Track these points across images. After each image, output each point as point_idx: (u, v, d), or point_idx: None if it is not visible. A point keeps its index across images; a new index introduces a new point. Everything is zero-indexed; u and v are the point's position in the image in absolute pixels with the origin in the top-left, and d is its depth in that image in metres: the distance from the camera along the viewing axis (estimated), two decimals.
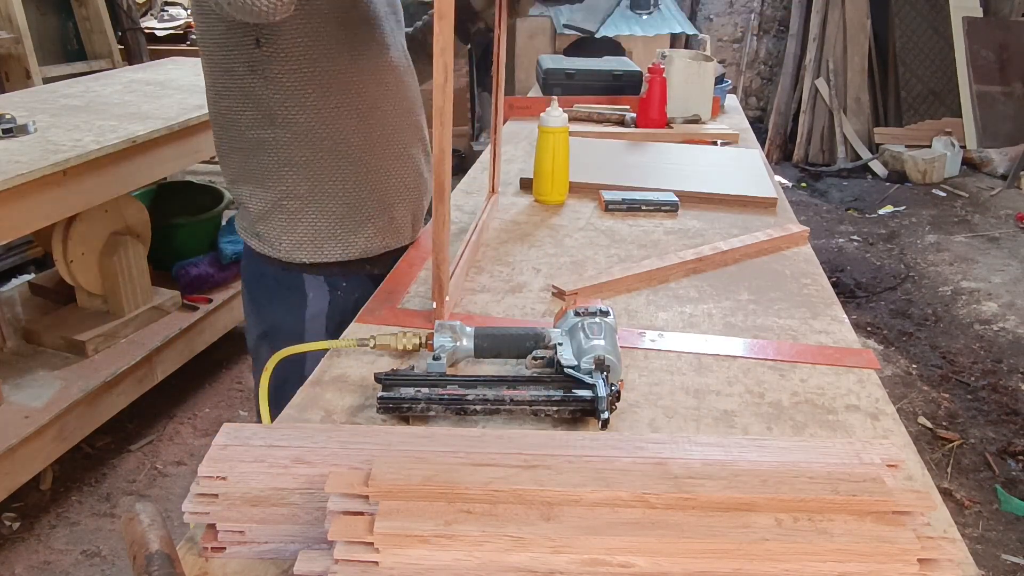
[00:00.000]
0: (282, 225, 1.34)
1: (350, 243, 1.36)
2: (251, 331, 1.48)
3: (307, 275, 1.37)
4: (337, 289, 1.39)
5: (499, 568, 0.61)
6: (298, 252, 1.35)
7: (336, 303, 1.39)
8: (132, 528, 0.69)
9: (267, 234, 1.35)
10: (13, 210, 1.92)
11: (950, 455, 2.68)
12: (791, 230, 1.52)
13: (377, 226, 1.38)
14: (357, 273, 1.39)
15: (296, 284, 1.37)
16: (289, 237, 1.34)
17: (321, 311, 1.38)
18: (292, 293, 1.38)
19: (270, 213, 1.34)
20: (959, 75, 5.56)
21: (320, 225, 1.34)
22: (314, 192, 1.32)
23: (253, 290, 1.45)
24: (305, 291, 1.37)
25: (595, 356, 0.94)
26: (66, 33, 4.20)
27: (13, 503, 2.26)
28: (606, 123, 2.27)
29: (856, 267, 4.18)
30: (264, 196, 1.33)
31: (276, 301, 1.41)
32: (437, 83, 1.00)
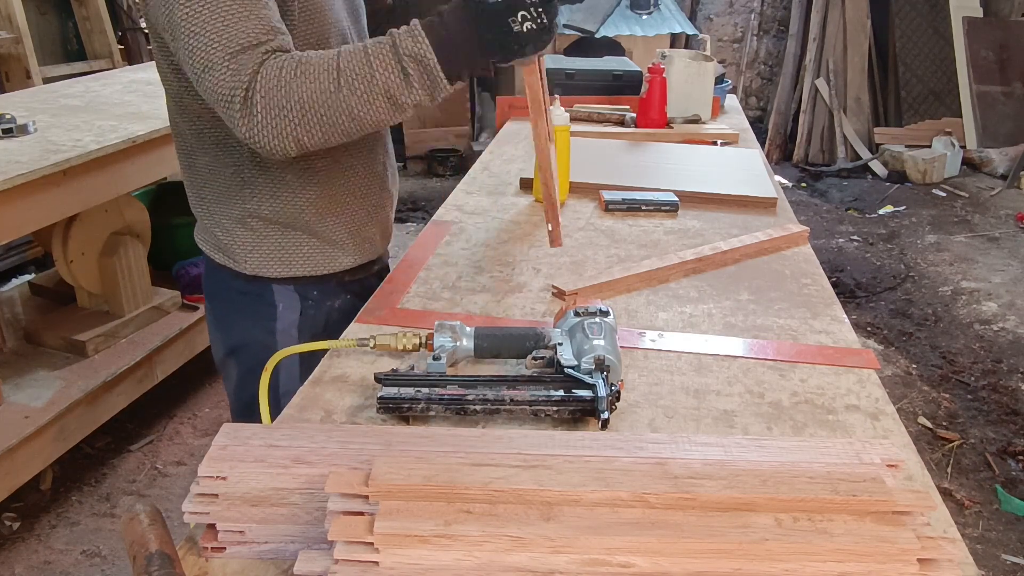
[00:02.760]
0: (247, 243, 1.27)
1: (319, 261, 1.30)
2: (217, 348, 1.41)
3: (275, 285, 1.30)
4: (308, 299, 1.32)
5: (499, 568, 0.61)
6: (265, 266, 1.28)
7: (308, 313, 1.32)
8: (132, 528, 0.69)
9: (231, 248, 1.28)
10: (13, 210, 1.92)
11: (950, 455, 2.68)
12: (791, 230, 1.52)
13: (346, 246, 1.32)
14: (328, 282, 1.33)
15: (264, 295, 1.30)
16: (255, 254, 1.28)
17: (292, 323, 1.32)
18: (260, 305, 1.31)
19: (232, 230, 1.27)
20: (959, 75, 5.56)
21: (287, 243, 1.28)
22: (279, 213, 1.25)
23: (217, 305, 1.38)
24: (274, 302, 1.31)
25: (595, 356, 0.94)
26: (66, 33, 4.20)
27: (13, 503, 2.26)
28: (606, 123, 2.27)
29: (856, 267, 4.18)
30: (227, 214, 1.26)
31: (243, 315, 1.33)
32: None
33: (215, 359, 1.43)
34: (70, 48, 4.22)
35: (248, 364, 1.34)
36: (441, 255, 1.41)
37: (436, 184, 5.12)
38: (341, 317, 1.31)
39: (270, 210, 1.25)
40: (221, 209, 1.27)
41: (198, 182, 1.27)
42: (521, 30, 0.99)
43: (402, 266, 1.36)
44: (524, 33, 1.00)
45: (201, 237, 1.34)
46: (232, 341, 1.37)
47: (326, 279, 1.32)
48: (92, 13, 4.13)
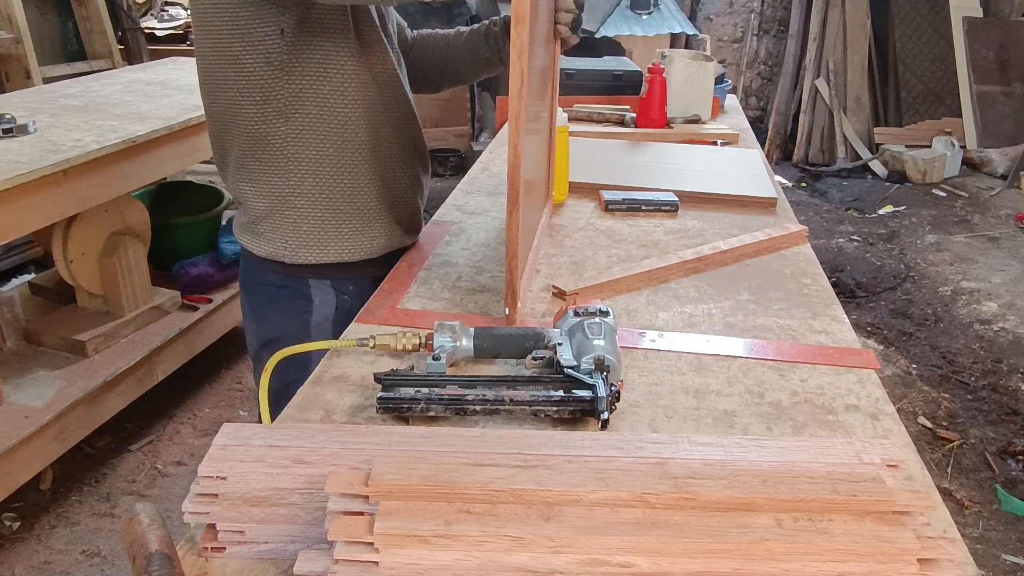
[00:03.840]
0: (287, 223, 1.31)
1: (356, 243, 1.34)
2: (252, 339, 1.45)
3: (312, 279, 1.35)
4: (344, 293, 1.37)
5: (499, 568, 0.61)
6: (303, 252, 1.32)
7: (342, 308, 1.36)
8: (132, 528, 0.69)
9: (270, 233, 1.32)
10: (13, 210, 1.92)
11: (950, 455, 2.68)
12: (791, 230, 1.52)
13: (382, 226, 1.36)
14: (362, 276, 1.37)
15: (301, 290, 1.35)
16: (294, 236, 1.32)
17: (327, 317, 1.36)
18: (297, 299, 1.35)
19: (274, 211, 1.31)
20: (959, 75, 5.56)
21: (326, 224, 1.32)
22: (320, 189, 1.30)
23: (254, 299, 1.42)
24: (311, 296, 1.35)
25: (595, 356, 0.94)
26: (66, 33, 4.20)
27: (13, 503, 2.26)
28: (606, 123, 2.27)
29: (856, 267, 4.18)
30: (268, 193, 1.30)
31: (280, 309, 1.37)
32: (514, 89, 0.99)
33: (249, 351, 1.48)
34: (70, 48, 4.22)
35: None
36: (441, 255, 1.41)
37: (436, 184, 5.12)
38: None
39: (313, 186, 1.29)
40: (265, 187, 1.30)
41: (243, 158, 1.30)
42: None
43: (402, 266, 1.37)
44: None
45: (240, 226, 1.38)
46: (267, 334, 1.40)
47: (359, 274, 1.37)
48: (92, 13, 4.13)
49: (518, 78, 0.98)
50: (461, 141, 5.41)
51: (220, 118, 1.30)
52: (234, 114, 1.28)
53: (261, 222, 1.33)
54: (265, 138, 1.27)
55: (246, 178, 1.32)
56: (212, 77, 1.28)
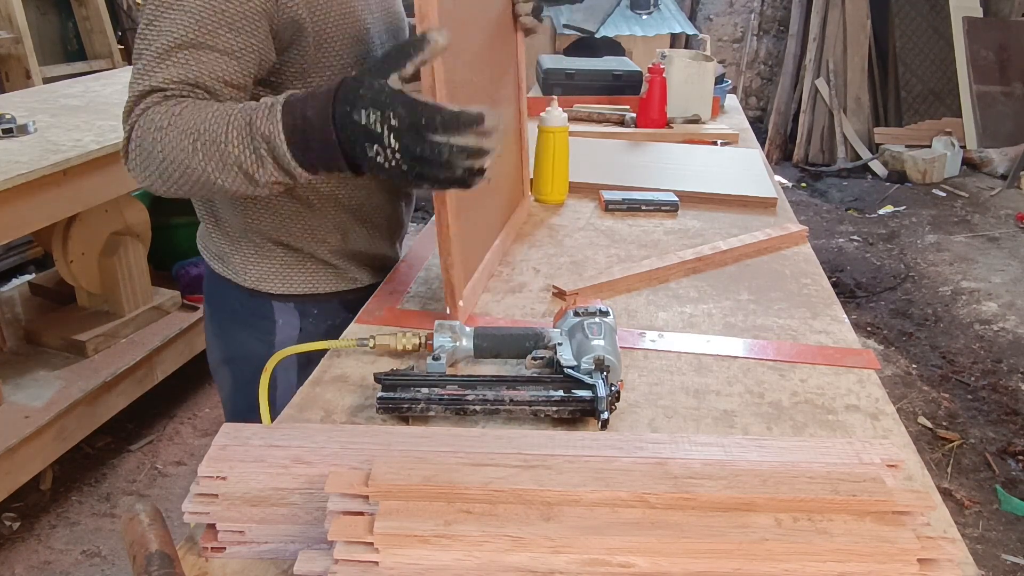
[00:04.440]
0: (247, 258, 1.26)
1: (319, 280, 1.28)
2: (213, 354, 1.39)
3: (275, 302, 1.29)
4: (308, 316, 1.30)
5: (499, 568, 0.61)
6: (264, 283, 1.27)
7: (307, 330, 1.30)
8: (132, 528, 0.69)
9: (232, 261, 1.27)
10: (13, 210, 1.92)
11: (950, 455, 2.68)
12: (790, 230, 1.52)
13: (346, 268, 1.30)
14: (329, 301, 1.30)
15: (264, 311, 1.29)
16: (256, 269, 1.26)
17: (291, 338, 1.29)
18: (259, 319, 1.29)
19: (235, 244, 1.26)
20: (959, 75, 5.56)
21: (287, 261, 1.26)
22: (279, 231, 1.23)
23: (217, 315, 1.37)
24: (274, 318, 1.29)
25: (595, 356, 0.94)
26: (66, 33, 4.20)
27: (13, 503, 2.26)
28: (606, 123, 2.27)
29: (856, 267, 4.18)
30: (229, 228, 1.25)
31: (244, 328, 1.32)
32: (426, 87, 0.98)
33: (210, 363, 1.42)
34: (70, 48, 4.22)
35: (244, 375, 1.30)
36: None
37: None
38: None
39: (271, 228, 1.23)
40: (226, 219, 1.25)
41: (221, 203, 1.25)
42: (376, 160, 0.88)
43: (402, 266, 1.36)
44: (378, 164, 0.88)
45: (203, 244, 1.33)
46: (229, 351, 1.36)
47: (328, 297, 1.30)
48: (92, 13, 4.13)
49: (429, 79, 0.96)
50: None
51: None
52: None
53: (223, 250, 1.28)
54: None
55: (207, 211, 1.27)
56: None
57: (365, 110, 0.87)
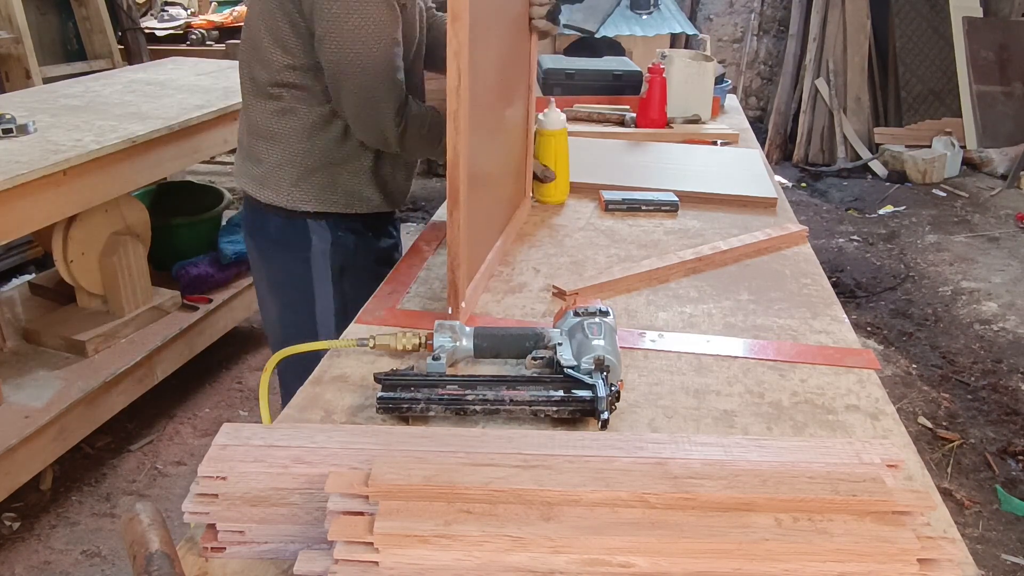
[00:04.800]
0: (291, 179, 1.46)
1: (350, 200, 1.50)
2: (259, 283, 1.61)
3: (310, 220, 1.49)
4: (338, 230, 1.51)
5: (499, 568, 0.61)
6: (303, 203, 1.47)
7: (337, 243, 1.51)
8: (132, 528, 0.69)
9: (275, 185, 1.47)
10: (13, 210, 1.92)
11: (950, 455, 2.68)
12: (790, 230, 1.52)
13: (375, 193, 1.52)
14: (354, 220, 1.53)
15: (299, 228, 1.50)
16: (297, 190, 1.47)
17: (324, 252, 1.51)
18: (296, 238, 1.50)
19: (282, 167, 1.46)
20: (959, 75, 5.56)
21: (326, 182, 1.47)
22: (326, 157, 1.45)
23: (259, 241, 1.57)
24: (309, 235, 1.50)
25: (595, 356, 0.94)
26: (66, 33, 4.20)
27: (13, 503, 2.26)
28: (606, 123, 2.27)
29: (856, 267, 4.18)
30: (282, 151, 1.45)
31: (282, 248, 1.53)
32: (451, 87, 0.98)
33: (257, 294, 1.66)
34: (70, 48, 4.22)
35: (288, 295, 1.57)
36: (441, 255, 1.41)
37: (436, 184, 5.12)
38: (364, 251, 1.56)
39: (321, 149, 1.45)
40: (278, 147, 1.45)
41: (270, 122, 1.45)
42: None
43: (402, 266, 1.36)
44: None
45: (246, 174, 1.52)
46: (272, 277, 1.57)
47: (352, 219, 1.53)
48: (92, 13, 4.13)
49: (456, 78, 0.97)
50: None
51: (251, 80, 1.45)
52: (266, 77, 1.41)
53: (268, 175, 1.47)
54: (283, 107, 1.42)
55: (263, 135, 1.46)
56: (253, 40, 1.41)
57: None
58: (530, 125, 1.51)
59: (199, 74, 3.01)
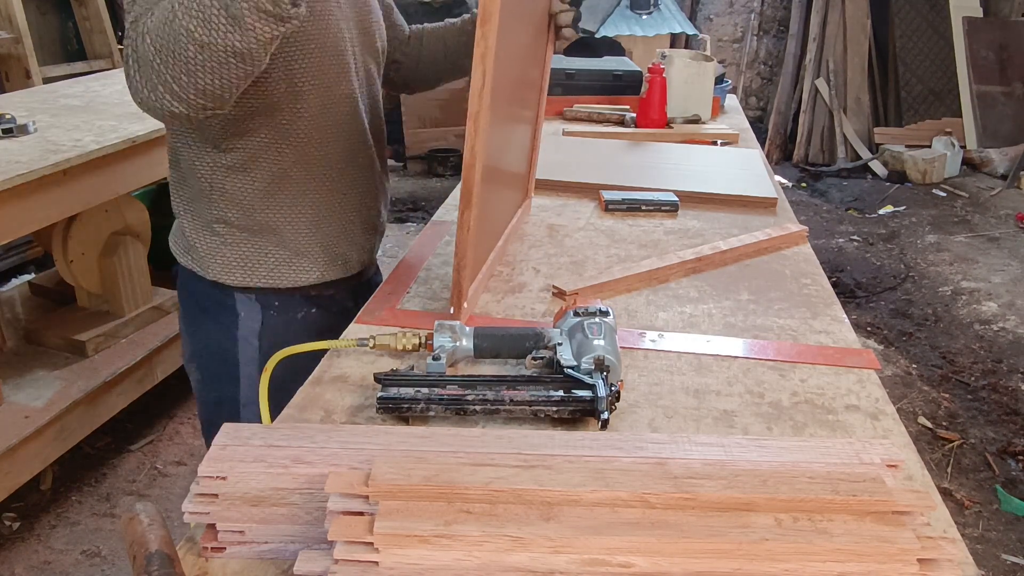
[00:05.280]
0: (212, 247, 1.29)
1: (282, 273, 1.29)
2: (184, 349, 1.42)
3: (237, 293, 1.31)
4: (270, 308, 1.32)
5: (499, 568, 0.61)
6: (227, 274, 1.29)
7: (269, 323, 1.32)
8: (132, 528, 0.69)
9: (197, 252, 1.30)
10: (13, 210, 1.92)
11: (950, 455, 2.68)
12: (790, 230, 1.52)
13: (312, 261, 1.30)
14: (291, 294, 1.32)
15: (226, 302, 1.31)
16: (219, 259, 1.29)
17: (253, 331, 1.32)
18: (222, 312, 1.32)
19: (200, 234, 1.29)
20: (959, 75, 5.57)
21: (251, 252, 1.28)
22: (245, 220, 1.26)
23: (186, 307, 1.40)
24: (236, 310, 1.31)
25: (595, 356, 0.94)
26: (66, 33, 4.20)
27: (13, 503, 2.26)
28: (606, 123, 2.27)
29: (856, 267, 4.18)
30: (195, 217, 1.29)
31: (209, 318, 1.34)
32: (475, 88, 0.97)
33: (183, 360, 1.45)
34: (70, 48, 4.22)
35: (210, 368, 1.37)
36: (441, 255, 1.41)
37: (436, 184, 5.12)
38: (304, 328, 1.33)
39: (237, 216, 1.26)
40: (193, 210, 1.29)
41: (177, 182, 1.30)
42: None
43: (402, 266, 1.36)
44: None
45: (174, 240, 1.36)
46: (197, 345, 1.38)
47: (289, 292, 1.31)
48: (92, 13, 4.13)
49: (480, 80, 0.97)
50: (461, 141, 5.41)
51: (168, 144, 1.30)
52: (174, 141, 1.26)
53: (189, 241, 1.31)
54: (194, 165, 1.24)
55: (178, 199, 1.31)
56: None
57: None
58: (538, 127, 1.51)
59: None
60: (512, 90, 1.22)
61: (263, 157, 1.22)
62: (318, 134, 1.24)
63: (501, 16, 0.96)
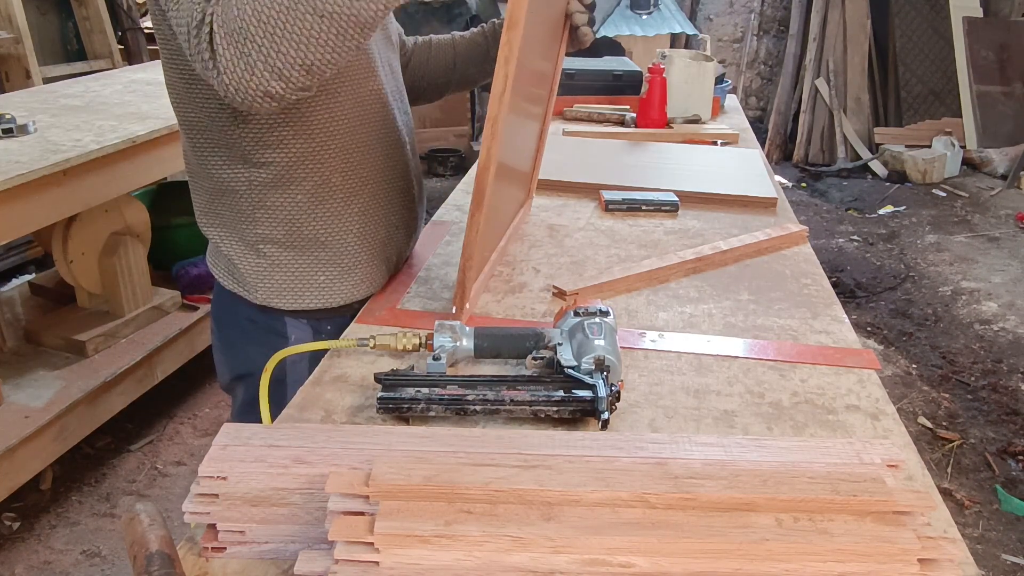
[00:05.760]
0: (258, 271, 1.21)
1: (334, 291, 1.23)
2: (224, 372, 1.35)
3: (288, 318, 1.25)
4: (321, 332, 1.26)
5: (499, 568, 0.61)
6: (276, 298, 1.22)
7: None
8: (132, 528, 0.69)
9: (243, 276, 1.22)
10: (13, 210, 1.92)
11: (950, 455, 2.68)
12: (791, 230, 1.52)
13: (363, 272, 1.25)
14: (344, 314, 1.25)
15: (275, 327, 1.25)
16: (266, 283, 1.22)
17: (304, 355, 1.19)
18: (271, 336, 1.24)
19: (244, 256, 1.21)
20: (959, 75, 5.57)
21: (300, 273, 1.21)
22: (292, 237, 1.19)
23: (226, 330, 1.32)
24: (286, 333, 1.25)
25: (595, 356, 0.94)
26: (66, 33, 4.20)
27: (13, 503, 2.26)
28: (606, 123, 2.27)
29: (856, 267, 4.18)
30: (238, 240, 1.21)
31: (253, 343, 1.27)
32: (495, 92, 0.97)
33: (220, 382, 1.38)
34: (70, 48, 4.22)
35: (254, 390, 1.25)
36: (441, 255, 1.41)
37: (436, 184, 5.12)
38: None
39: (283, 234, 1.19)
40: (233, 231, 1.21)
41: (208, 202, 1.22)
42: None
43: (402, 266, 1.36)
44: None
45: (213, 261, 1.28)
46: (240, 368, 1.31)
47: (340, 311, 1.25)
48: (92, 13, 4.13)
49: (501, 84, 0.96)
50: (461, 141, 5.42)
51: (189, 161, 1.22)
52: (199, 158, 1.19)
53: (233, 265, 1.23)
54: (229, 184, 1.17)
55: (215, 223, 1.23)
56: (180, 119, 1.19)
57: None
58: (545, 127, 1.51)
59: None
60: (526, 89, 1.22)
61: (302, 168, 1.16)
62: (355, 137, 1.19)
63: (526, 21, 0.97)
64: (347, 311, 1.25)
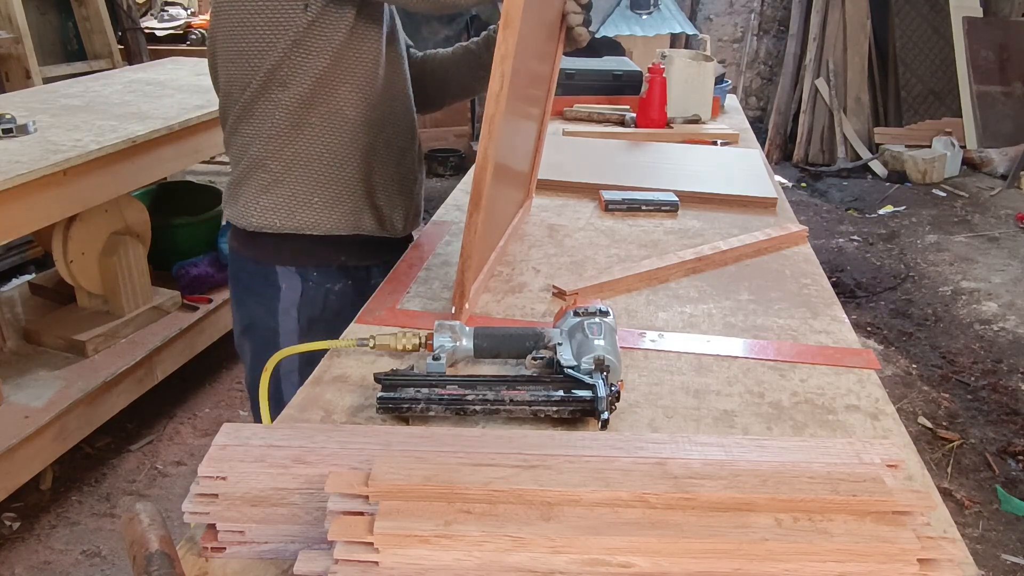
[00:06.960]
0: (259, 187, 1.35)
1: (323, 216, 1.37)
2: (235, 327, 1.54)
3: (278, 266, 1.40)
4: (308, 280, 1.41)
5: (499, 568, 0.61)
6: (269, 217, 1.36)
7: (308, 294, 1.42)
8: (132, 528, 0.69)
9: (244, 197, 1.37)
10: (13, 210, 1.93)
11: (950, 455, 2.68)
12: (791, 230, 1.52)
13: (355, 203, 1.39)
14: (328, 264, 1.42)
15: (269, 276, 1.41)
16: (264, 199, 1.36)
17: (293, 303, 1.42)
18: (266, 286, 1.42)
19: (250, 174, 1.36)
20: (959, 75, 5.56)
21: (297, 191, 1.35)
22: (299, 156, 1.33)
23: (234, 286, 1.51)
24: (278, 283, 1.41)
25: (595, 356, 0.94)
26: (66, 33, 4.20)
27: (13, 503, 2.26)
28: (606, 123, 2.27)
29: (856, 267, 4.18)
30: (249, 157, 1.35)
31: (253, 294, 1.45)
32: (492, 91, 0.98)
33: (236, 344, 1.55)
34: (70, 48, 4.22)
35: (256, 343, 1.47)
36: (441, 255, 1.41)
37: (436, 184, 5.12)
38: (339, 301, 1.43)
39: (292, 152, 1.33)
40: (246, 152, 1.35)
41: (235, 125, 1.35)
42: None
43: (402, 266, 1.36)
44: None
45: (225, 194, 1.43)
46: (245, 320, 1.49)
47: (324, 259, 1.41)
48: (92, 13, 4.13)
49: (498, 83, 0.97)
50: (461, 141, 5.42)
51: (226, 87, 1.35)
52: (239, 81, 1.32)
53: (238, 186, 1.38)
54: (257, 104, 1.31)
55: (236, 143, 1.37)
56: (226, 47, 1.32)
57: None
58: (544, 127, 1.51)
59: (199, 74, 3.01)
60: (523, 89, 1.23)
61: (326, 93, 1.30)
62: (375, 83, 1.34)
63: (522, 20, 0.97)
64: (331, 259, 1.41)
